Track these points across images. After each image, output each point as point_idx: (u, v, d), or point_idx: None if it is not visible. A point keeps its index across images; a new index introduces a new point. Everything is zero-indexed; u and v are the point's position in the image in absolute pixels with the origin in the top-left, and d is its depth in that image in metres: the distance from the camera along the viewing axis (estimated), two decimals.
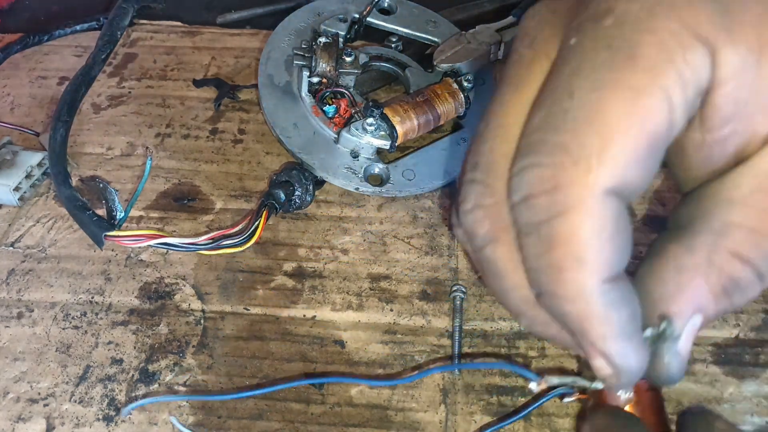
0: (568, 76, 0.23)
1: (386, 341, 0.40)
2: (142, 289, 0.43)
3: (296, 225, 0.46)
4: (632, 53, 0.22)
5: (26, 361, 0.39)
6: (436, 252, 0.45)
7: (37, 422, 0.37)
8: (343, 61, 0.49)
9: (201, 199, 0.48)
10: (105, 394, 0.38)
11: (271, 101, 0.49)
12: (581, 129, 0.22)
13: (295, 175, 0.45)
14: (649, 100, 0.21)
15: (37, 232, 0.46)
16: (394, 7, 0.55)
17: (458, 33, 0.53)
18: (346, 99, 0.48)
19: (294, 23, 0.54)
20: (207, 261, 0.44)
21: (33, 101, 0.55)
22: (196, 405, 0.38)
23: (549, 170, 0.22)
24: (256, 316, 0.42)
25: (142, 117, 0.53)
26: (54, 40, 0.60)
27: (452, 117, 0.49)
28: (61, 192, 0.45)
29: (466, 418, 0.37)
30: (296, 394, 0.38)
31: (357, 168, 0.46)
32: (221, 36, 0.60)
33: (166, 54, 0.58)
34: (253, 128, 0.52)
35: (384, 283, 0.43)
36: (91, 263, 0.44)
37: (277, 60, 0.52)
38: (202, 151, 0.51)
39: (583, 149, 0.22)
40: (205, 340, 0.40)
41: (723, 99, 0.22)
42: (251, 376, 0.39)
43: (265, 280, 0.43)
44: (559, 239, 0.22)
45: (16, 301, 0.42)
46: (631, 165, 0.22)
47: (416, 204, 0.47)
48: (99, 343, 0.40)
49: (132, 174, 0.49)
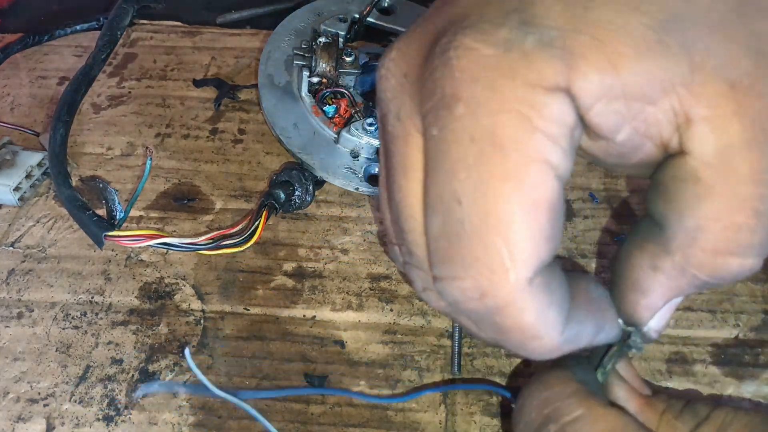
0: (448, 180, 0.23)
1: (386, 341, 0.40)
2: (142, 289, 0.43)
3: (296, 225, 0.46)
4: (495, 140, 0.21)
5: (26, 361, 0.39)
6: None
7: (37, 422, 0.37)
8: (343, 61, 0.49)
9: (201, 199, 0.48)
10: (105, 394, 0.38)
11: (271, 101, 0.49)
12: (482, 236, 0.22)
13: (295, 175, 0.45)
14: (530, 178, 0.22)
15: (37, 232, 0.46)
16: (395, 7, 0.55)
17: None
18: (346, 99, 0.48)
19: (294, 23, 0.54)
20: (207, 261, 0.44)
21: (33, 101, 0.55)
22: (196, 405, 0.38)
23: (469, 282, 0.23)
24: (256, 316, 0.42)
25: (142, 117, 0.53)
26: (54, 40, 0.60)
27: None
28: (61, 192, 0.45)
29: (466, 418, 0.37)
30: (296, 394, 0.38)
31: (357, 168, 0.46)
32: (221, 36, 0.60)
33: (166, 54, 0.58)
34: (253, 128, 0.52)
35: (384, 283, 0.43)
36: (91, 263, 0.44)
37: (278, 60, 0.52)
38: (202, 151, 0.51)
39: (493, 255, 0.22)
40: (205, 340, 0.40)
41: (600, 117, 0.22)
42: (251, 376, 0.39)
43: (265, 280, 0.43)
44: (506, 328, 0.24)
45: (16, 301, 0.42)
46: (540, 242, 0.22)
47: None
48: (99, 343, 0.40)
49: (132, 174, 0.49)
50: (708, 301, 0.42)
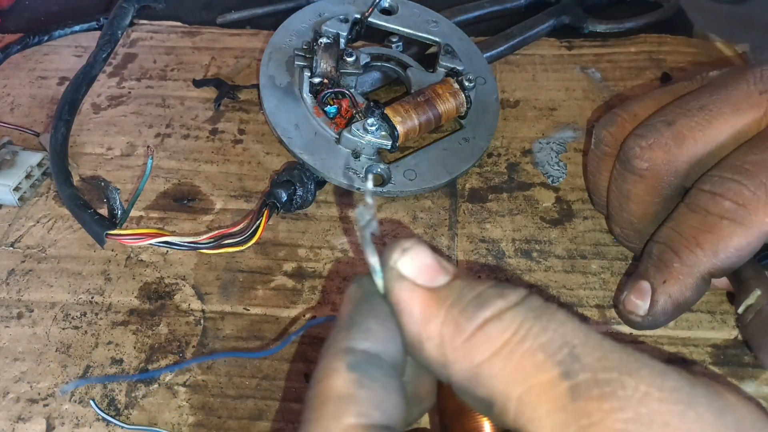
0: None
1: None
2: (142, 289, 0.43)
3: (296, 225, 0.46)
4: None
5: (26, 361, 0.39)
6: (436, 252, 0.45)
7: (37, 422, 0.37)
8: (344, 61, 0.49)
9: (201, 200, 0.48)
10: (105, 394, 0.38)
11: (272, 102, 0.49)
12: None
13: (297, 174, 0.45)
14: None
15: (37, 232, 0.46)
16: (396, 8, 0.55)
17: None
18: (347, 99, 0.48)
19: (295, 24, 0.54)
20: (207, 261, 0.44)
21: (33, 101, 0.55)
22: (196, 405, 0.38)
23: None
24: (256, 316, 0.42)
25: (142, 117, 0.53)
26: (54, 40, 0.60)
27: (453, 117, 0.49)
28: (63, 191, 0.45)
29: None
30: (296, 394, 0.38)
31: (358, 168, 0.46)
32: (221, 36, 0.60)
33: (166, 54, 0.58)
34: (253, 128, 0.52)
35: None
36: (91, 263, 0.44)
37: (279, 61, 0.52)
38: (202, 151, 0.51)
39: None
40: (205, 340, 0.40)
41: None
42: (251, 376, 0.39)
43: (265, 280, 0.43)
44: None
45: (16, 301, 0.42)
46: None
47: (416, 204, 0.47)
48: (99, 343, 0.40)
49: (132, 174, 0.49)
50: (707, 302, 0.42)
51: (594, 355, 0.20)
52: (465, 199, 0.48)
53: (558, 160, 0.50)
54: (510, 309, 0.21)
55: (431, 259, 0.24)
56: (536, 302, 0.22)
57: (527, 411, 0.20)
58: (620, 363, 0.20)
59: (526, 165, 0.50)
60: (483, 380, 0.21)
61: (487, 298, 0.22)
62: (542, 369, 0.20)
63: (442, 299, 0.23)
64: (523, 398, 0.20)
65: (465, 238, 0.46)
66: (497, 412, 0.21)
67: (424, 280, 0.23)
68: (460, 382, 0.22)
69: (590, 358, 0.20)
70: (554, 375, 0.20)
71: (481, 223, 0.46)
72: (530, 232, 0.46)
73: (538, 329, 0.21)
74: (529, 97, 0.55)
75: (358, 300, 0.24)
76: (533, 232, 0.46)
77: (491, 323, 0.21)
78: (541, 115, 0.54)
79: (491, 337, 0.21)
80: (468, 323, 0.21)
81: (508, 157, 0.51)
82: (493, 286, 0.22)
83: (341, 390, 0.21)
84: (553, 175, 0.49)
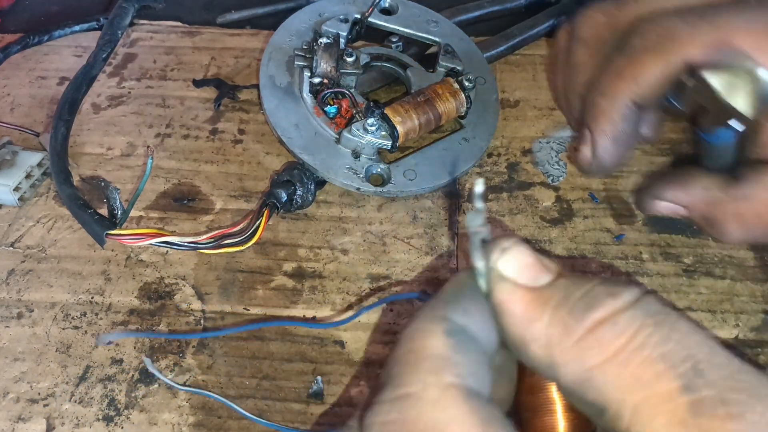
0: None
1: (386, 341, 0.40)
2: (142, 289, 0.43)
3: (296, 225, 0.46)
4: None
5: (26, 361, 0.39)
6: (436, 252, 0.45)
7: (37, 422, 0.37)
8: (344, 61, 0.49)
9: (201, 200, 0.48)
10: (105, 394, 0.38)
11: (272, 102, 0.49)
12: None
13: (297, 174, 0.45)
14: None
15: (37, 232, 0.46)
16: (396, 7, 0.55)
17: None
18: (347, 99, 0.48)
19: (295, 24, 0.54)
20: (207, 261, 0.44)
21: (33, 101, 0.55)
22: (196, 405, 0.38)
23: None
24: (256, 316, 0.42)
25: (142, 117, 0.53)
26: (54, 40, 0.60)
27: (453, 116, 0.49)
28: (63, 191, 0.45)
29: None
30: (296, 394, 0.38)
31: (358, 168, 0.46)
32: (221, 36, 0.60)
33: (166, 54, 0.58)
34: (253, 128, 0.52)
35: (384, 283, 0.43)
36: (91, 263, 0.44)
37: (279, 61, 0.51)
38: (202, 151, 0.51)
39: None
40: (205, 340, 0.40)
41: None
42: (251, 376, 0.39)
43: (265, 280, 0.43)
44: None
45: (16, 301, 0.42)
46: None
47: (416, 204, 0.47)
48: (99, 343, 0.40)
49: (132, 174, 0.49)
50: (708, 301, 0.42)
51: (720, 372, 0.19)
52: (465, 199, 0.48)
53: (558, 159, 0.50)
54: (624, 312, 0.21)
55: (532, 258, 0.23)
56: (654, 306, 0.21)
57: (643, 421, 0.19)
58: (750, 385, 0.19)
59: (526, 165, 0.50)
60: (595, 385, 0.20)
61: (596, 297, 0.21)
62: (661, 379, 0.19)
63: (546, 299, 0.22)
64: (639, 407, 0.19)
65: (465, 238, 0.46)
66: (609, 417, 0.20)
67: (526, 280, 0.23)
68: (568, 385, 0.21)
69: (715, 376, 0.19)
70: (674, 387, 0.19)
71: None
72: (530, 231, 0.46)
73: (658, 338, 0.20)
74: (529, 97, 0.55)
75: (461, 285, 0.24)
76: (533, 232, 0.46)
77: (604, 326, 0.21)
78: (541, 115, 0.54)
79: (604, 341, 0.20)
80: (577, 325, 0.21)
81: (508, 156, 0.51)
82: (601, 284, 0.22)
83: (439, 350, 0.21)
84: (553, 175, 0.49)
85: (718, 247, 0.45)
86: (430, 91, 0.48)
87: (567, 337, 0.21)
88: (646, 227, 0.46)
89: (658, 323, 0.20)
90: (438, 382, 0.20)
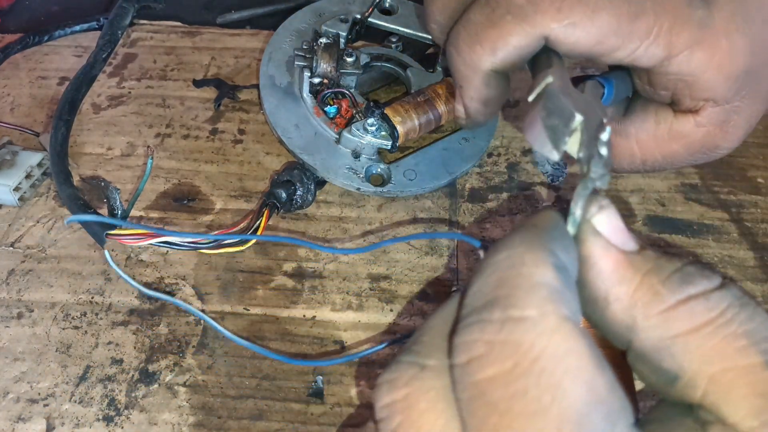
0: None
1: (386, 341, 0.40)
2: None
3: (296, 225, 0.46)
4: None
5: (26, 361, 0.39)
6: (436, 252, 0.45)
7: (37, 422, 0.37)
8: (344, 61, 0.49)
9: (201, 200, 0.48)
10: (105, 395, 0.38)
11: (272, 102, 0.49)
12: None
13: (297, 174, 0.45)
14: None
15: (37, 232, 0.46)
16: (395, 8, 0.55)
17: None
18: (347, 99, 0.48)
19: (295, 24, 0.54)
20: (207, 261, 0.44)
21: (33, 101, 0.55)
22: (196, 405, 0.38)
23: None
24: (256, 316, 0.42)
25: (142, 117, 0.53)
26: (54, 40, 0.60)
27: (453, 117, 0.49)
28: (63, 191, 0.45)
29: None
30: (296, 394, 0.38)
31: (358, 168, 0.46)
32: (221, 36, 0.60)
33: (166, 54, 0.58)
34: (253, 128, 0.52)
35: (384, 283, 0.43)
36: (91, 263, 0.44)
37: (279, 61, 0.52)
38: (202, 152, 0.51)
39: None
40: (205, 340, 0.40)
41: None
42: (251, 376, 0.39)
43: (265, 280, 0.43)
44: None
45: (16, 301, 0.42)
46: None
47: (416, 204, 0.47)
48: (99, 343, 0.40)
49: (132, 174, 0.49)
50: None
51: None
52: (465, 199, 0.48)
53: (558, 159, 0.50)
54: (716, 290, 0.22)
55: (623, 223, 0.24)
56: (739, 291, 0.22)
57: (720, 391, 0.20)
58: None
59: (526, 165, 0.50)
60: (674, 352, 0.21)
61: (692, 274, 0.22)
62: (744, 354, 0.20)
63: (637, 265, 0.23)
64: (717, 378, 0.20)
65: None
66: (682, 385, 0.21)
67: (617, 242, 0.23)
68: (643, 350, 0.22)
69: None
70: (757, 362, 0.20)
71: (481, 223, 0.46)
72: None
73: (744, 317, 0.21)
74: None
75: (555, 223, 0.24)
76: None
77: (697, 300, 0.21)
78: None
79: (694, 313, 0.21)
80: (671, 295, 0.22)
81: (508, 156, 0.51)
82: (692, 264, 0.23)
83: (552, 281, 0.21)
84: (553, 175, 0.49)
85: (718, 247, 0.45)
86: (430, 91, 0.48)
87: (656, 304, 0.22)
88: (646, 227, 0.46)
89: (743, 305, 0.21)
90: (557, 312, 0.20)
